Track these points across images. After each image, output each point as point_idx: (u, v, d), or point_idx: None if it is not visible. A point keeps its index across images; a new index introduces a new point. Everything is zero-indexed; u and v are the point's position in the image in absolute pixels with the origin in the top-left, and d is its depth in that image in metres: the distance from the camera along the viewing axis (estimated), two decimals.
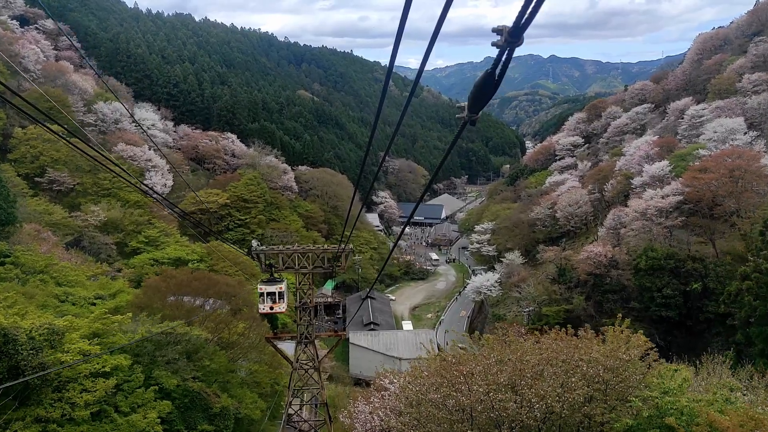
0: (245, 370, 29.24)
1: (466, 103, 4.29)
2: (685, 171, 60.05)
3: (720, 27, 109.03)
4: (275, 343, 25.66)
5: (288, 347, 34.03)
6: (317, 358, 24.71)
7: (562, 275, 62.72)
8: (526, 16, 3.24)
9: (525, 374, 14.02)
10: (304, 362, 24.76)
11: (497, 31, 3.44)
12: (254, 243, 23.54)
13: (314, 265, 23.64)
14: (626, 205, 63.02)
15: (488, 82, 3.81)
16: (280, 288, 24.67)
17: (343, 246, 22.41)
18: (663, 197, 56.73)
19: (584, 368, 13.92)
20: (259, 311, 25.35)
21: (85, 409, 17.46)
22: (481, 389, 13.89)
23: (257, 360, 30.23)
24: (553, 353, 15.23)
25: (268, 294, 24.72)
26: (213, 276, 38.19)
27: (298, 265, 23.57)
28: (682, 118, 79.30)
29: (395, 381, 20.20)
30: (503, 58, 3.59)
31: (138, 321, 23.12)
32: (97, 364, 18.63)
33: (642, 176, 65.39)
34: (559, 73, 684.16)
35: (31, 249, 32.68)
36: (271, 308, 24.84)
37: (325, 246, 24.30)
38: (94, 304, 26.28)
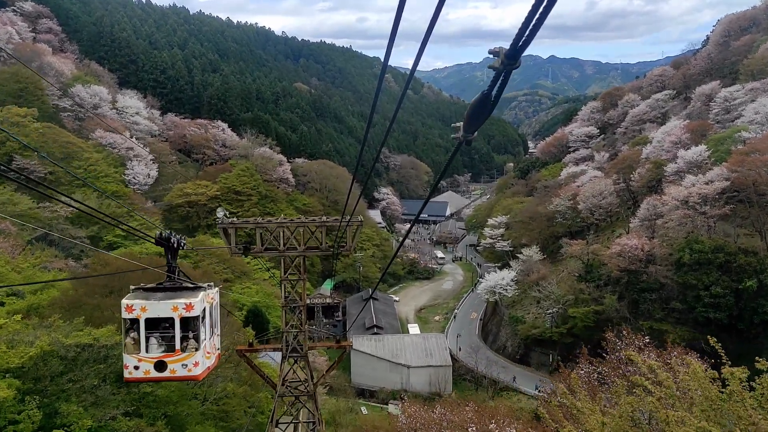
0: (221, 391, 21.69)
1: (461, 123, 4.06)
2: (726, 156, 54.13)
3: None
4: (254, 357, 18.04)
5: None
6: (312, 379, 16.61)
7: (590, 272, 56.18)
8: (523, 39, 3.08)
9: None
10: (294, 385, 16.75)
11: (494, 53, 3.26)
12: (220, 212, 15.69)
13: (307, 246, 15.98)
14: (661, 194, 56.34)
15: (484, 103, 3.62)
16: (189, 305, 9.90)
17: (348, 217, 15.06)
18: (707, 183, 50.03)
19: None
20: (125, 375, 10.09)
21: None
22: None
23: (234, 378, 22.85)
24: None
25: (153, 323, 9.92)
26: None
27: (285, 244, 15.85)
28: (710, 103, 73.42)
29: None
30: (500, 80, 3.41)
31: (48, 327, 15.95)
32: None
33: (676, 162, 58.91)
34: (558, 74, 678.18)
35: None
36: (161, 364, 9.79)
37: (324, 218, 16.63)
38: (3, 304, 19.43)
